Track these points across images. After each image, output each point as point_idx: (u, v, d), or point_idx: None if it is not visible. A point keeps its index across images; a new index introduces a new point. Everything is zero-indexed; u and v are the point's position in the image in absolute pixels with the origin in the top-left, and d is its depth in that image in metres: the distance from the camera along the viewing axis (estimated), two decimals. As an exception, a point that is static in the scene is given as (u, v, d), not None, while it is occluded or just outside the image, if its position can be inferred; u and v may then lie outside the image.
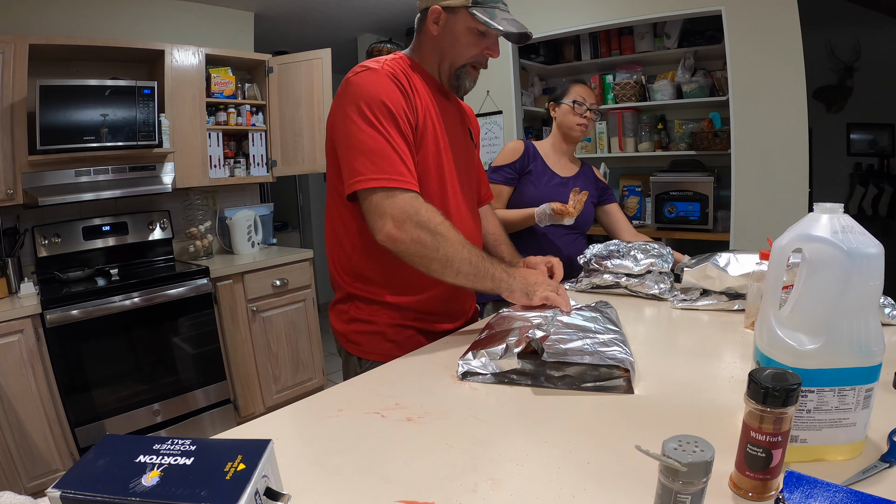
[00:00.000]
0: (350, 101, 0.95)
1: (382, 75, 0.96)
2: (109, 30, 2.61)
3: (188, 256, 2.84)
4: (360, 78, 0.96)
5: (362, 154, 0.93)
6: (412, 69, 1.06)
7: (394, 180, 0.92)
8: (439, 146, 1.06)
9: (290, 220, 4.95)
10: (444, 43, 1.04)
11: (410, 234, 0.92)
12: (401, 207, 0.92)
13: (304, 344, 2.95)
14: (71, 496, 0.38)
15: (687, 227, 2.89)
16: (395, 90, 0.96)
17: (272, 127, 3.09)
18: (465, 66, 1.06)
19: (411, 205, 0.92)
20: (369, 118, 0.93)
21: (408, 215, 0.92)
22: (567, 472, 0.57)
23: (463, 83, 1.09)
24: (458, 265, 0.95)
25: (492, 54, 1.07)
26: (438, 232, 0.93)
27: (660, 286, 1.26)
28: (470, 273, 0.96)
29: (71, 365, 2.11)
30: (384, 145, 0.93)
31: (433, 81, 1.09)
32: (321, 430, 0.70)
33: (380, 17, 3.50)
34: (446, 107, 1.12)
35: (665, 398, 0.74)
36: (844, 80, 3.65)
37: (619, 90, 3.11)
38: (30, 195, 2.20)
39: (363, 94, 0.95)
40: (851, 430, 0.56)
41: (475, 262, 0.96)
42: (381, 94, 0.94)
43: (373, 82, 0.95)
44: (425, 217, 0.93)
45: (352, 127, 0.94)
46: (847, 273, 0.53)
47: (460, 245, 0.95)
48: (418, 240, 0.92)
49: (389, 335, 1.07)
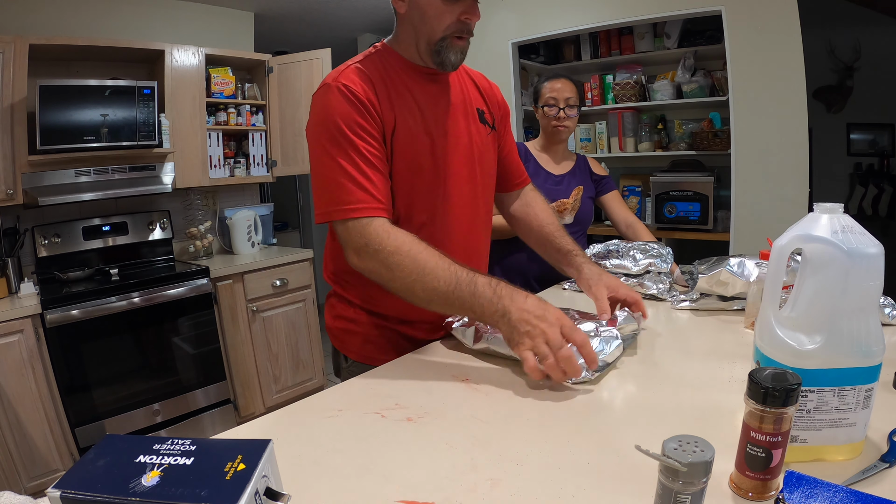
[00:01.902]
0: (310, 126, 0.95)
1: (332, 92, 0.91)
2: (109, 30, 2.61)
3: (188, 256, 2.84)
4: (315, 100, 0.95)
5: (318, 184, 0.93)
6: (386, 60, 0.98)
7: (346, 210, 0.89)
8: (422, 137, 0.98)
9: (290, 220, 4.95)
10: (414, 19, 0.94)
11: (367, 265, 0.89)
12: (353, 239, 0.89)
13: (304, 344, 2.96)
14: (71, 496, 0.38)
15: (687, 227, 2.89)
16: (345, 106, 0.90)
17: (272, 127, 3.09)
18: (446, 38, 0.94)
19: (362, 234, 0.88)
20: (324, 146, 0.91)
21: (359, 246, 0.89)
22: (567, 472, 0.57)
23: (446, 58, 0.96)
24: (422, 295, 0.86)
25: (470, 18, 0.93)
26: (389, 262, 0.86)
27: (658, 286, 1.26)
28: (441, 303, 0.85)
29: (71, 365, 2.11)
30: (335, 173, 0.90)
31: (414, 67, 1.00)
32: (321, 430, 0.70)
33: (380, 17, 3.50)
34: (434, 91, 1.02)
35: (665, 398, 0.74)
36: (844, 80, 3.65)
37: (619, 90, 3.11)
38: (30, 195, 2.20)
39: (317, 119, 0.93)
40: (851, 430, 0.56)
41: (444, 292, 0.83)
42: (333, 114, 0.90)
43: (324, 104, 0.92)
44: (373, 248, 0.87)
45: (311, 156, 0.94)
46: (847, 273, 0.53)
47: (420, 274, 0.84)
48: (373, 271, 0.89)
49: (371, 337, 1.06)
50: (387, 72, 0.97)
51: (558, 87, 1.63)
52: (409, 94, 0.98)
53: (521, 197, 1.24)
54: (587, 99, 3.27)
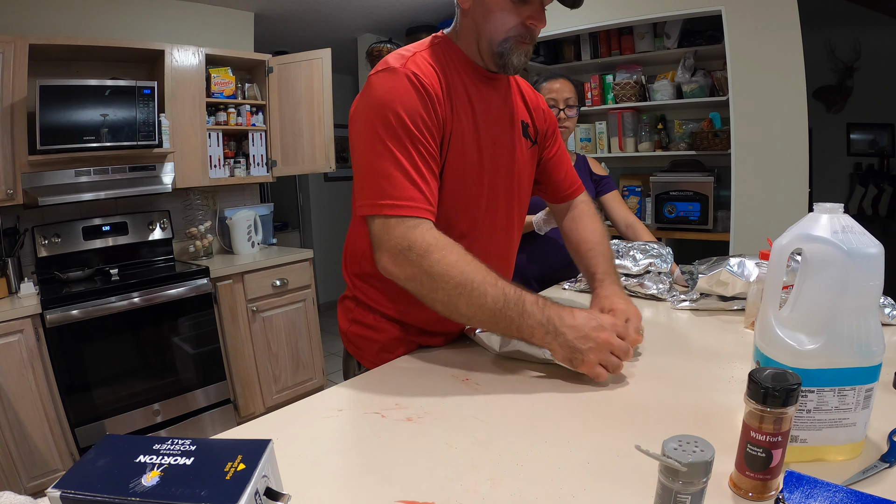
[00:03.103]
0: (364, 108, 0.86)
1: (400, 78, 0.84)
2: (109, 30, 2.61)
3: (188, 256, 2.84)
4: (377, 81, 0.86)
5: (366, 173, 0.84)
6: (448, 55, 0.93)
7: (396, 207, 0.81)
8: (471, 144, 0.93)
9: (290, 220, 4.95)
10: (477, 17, 0.89)
11: (404, 272, 0.82)
12: (394, 240, 0.81)
13: (304, 344, 2.96)
14: (71, 496, 0.38)
15: (687, 227, 2.89)
16: (413, 95, 0.84)
17: (272, 127, 3.09)
18: (509, 39, 0.88)
19: (406, 237, 0.81)
20: (378, 132, 0.83)
21: (400, 250, 0.81)
22: (567, 472, 0.57)
23: (509, 60, 0.90)
24: (465, 311, 0.81)
25: (536, 24, 0.88)
26: (433, 272, 0.80)
27: (658, 286, 1.26)
28: (486, 320, 0.81)
29: (71, 365, 2.11)
30: (391, 166, 0.82)
31: (474, 67, 0.94)
32: (321, 430, 0.70)
33: (380, 17, 3.50)
34: (489, 96, 0.96)
35: (665, 398, 0.74)
36: (844, 80, 3.65)
37: (619, 90, 3.11)
38: (30, 195, 2.20)
39: (376, 102, 0.85)
40: (851, 430, 0.56)
41: (491, 310, 0.80)
42: (396, 102, 0.83)
43: (388, 88, 0.84)
44: (417, 254, 0.80)
45: (359, 140, 0.86)
46: (847, 273, 0.53)
47: (468, 288, 0.79)
48: (411, 278, 0.82)
49: (389, 347, 1.01)
50: (449, 67, 0.91)
51: (557, 87, 1.63)
52: (465, 95, 0.92)
53: (571, 211, 1.19)
54: (587, 99, 3.27)
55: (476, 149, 0.93)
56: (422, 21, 3.61)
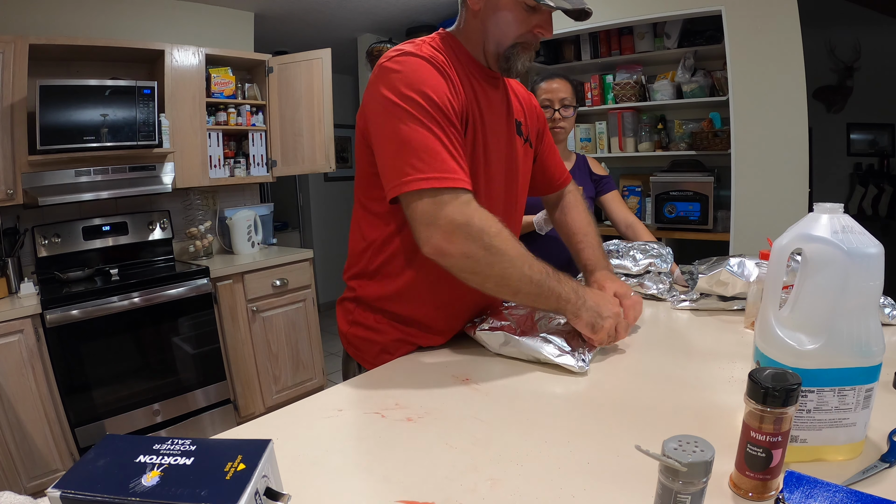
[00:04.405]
0: (388, 90, 0.82)
1: (421, 61, 0.84)
2: (109, 30, 2.62)
3: (188, 256, 2.84)
4: (398, 63, 0.83)
5: (405, 151, 0.80)
6: (453, 52, 0.93)
7: (444, 179, 0.79)
8: (479, 143, 0.93)
9: (290, 220, 4.95)
10: (486, 19, 0.90)
11: (460, 248, 0.79)
12: (450, 216, 0.79)
13: (304, 344, 2.96)
14: (71, 496, 0.38)
15: (687, 227, 2.89)
16: (439, 76, 0.83)
17: (272, 127, 3.09)
18: (516, 45, 0.90)
19: (462, 212, 0.79)
20: (410, 111, 0.80)
21: (457, 225, 0.79)
22: (567, 472, 0.57)
23: (514, 65, 0.92)
24: (518, 284, 0.82)
25: (543, 33, 0.90)
26: (493, 246, 0.80)
27: (658, 286, 1.26)
28: (532, 292, 0.84)
29: (71, 365, 2.11)
30: (431, 140, 0.80)
31: (477, 66, 0.95)
32: (321, 430, 0.70)
33: (380, 17, 3.50)
34: (492, 97, 0.97)
35: (665, 398, 0.74)
36: (844, 80, 3.65)
37: (619, 90, 3.11)
38: (30, 195, 2.20)
39: (403, 81, 0.82)
40: (851, 430, 0.56)
41: (538, 281, 0.83)
42: (424, 81, 0.82)
43: (413, 69, 0.83)
44: (478, 228, 0.79)
45: (391, 120, 0.82)
46: (847, 273, 0.53)
47: (520, 261, 0.82)
48: (469, 254, 0.80)
49: (389, 348, 1.00)
50: (456, 61, 0.92)
51: (554, 87, 1.62)
52: (471, 90, 0.92)
53: (561, 201, 1.24)
54: (587, 99, 3.27)
55: (483, 144, 0.94)
56: (422, 21, 3.61)
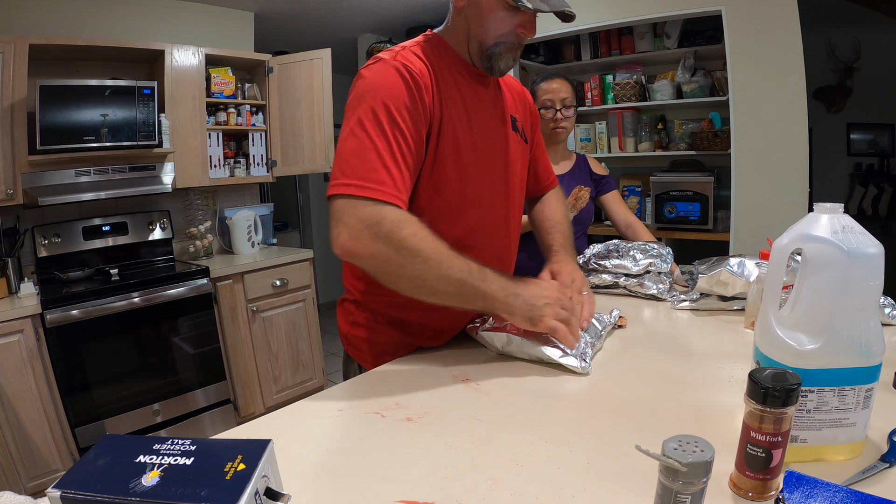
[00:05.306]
0: (352, 96, 0.86)
1: (388, 68, 0.85)
2: (109, 30, 2.61)
3: (188, 256, 2.84)
4: (368, 70, 0.87)
5: (341, 158, 0.83)
6: (439, 51, 0.94)
7: (364, 188, 0.79)
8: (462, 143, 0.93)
9: (290, 220, 4.95)
10: (469, 17, 0.90)
11: (367, 248, 0.78)
12: (360, 215, 0.78)
13: (304, 344, 2.96)
14: (71, 496, 0.38)
15: (687, 227, 2.89)
16: (400, 84, 0.84)
17: (272, 127, 3.09)
18: (499, 45, 0.91)
19: (373, 213, 0.78)
20: (360, 117, 0.83)
21: (365, 225, 0.78)
22: (567, 472, 0.57)
23: (496, 64, 0.93)
24: (435, 284, 0.80)
25: (526, 34, 0.91)
26: (405, 246, 0.78)
27: (658, 286, 1.26)
28: (452, 293, 0.82)
29: (71, 365, 2.11)
30: (367, 149, 0.81)
31: (465, 65, 0.95)
32: (321, 430, 0.70)
33: (380, 17, 3.50)
34: (482, 95, 0.97)
35: (665, 398, 0.74)
36: (844, 80, 3.65)
37: (619, 90, 3.11)
38: (30, 195, 2.20)
39: (364, 87, 0.85)
40: (851, 430, 0.56)
41: (458, 280, 0.81)
42: (380, 90, 0.83)
43: (376, 77, 0.85)
44: (387, 229, 0.78)
45: (345, 125, 0.85)
46: (847, 273, 0.53)
47: (437, 260, 0.80)
48: (377, 255, 0.78)
49: (390, 350, 1.00)
50: (440, 63, 0.92)
51: (554, 87, 1.63)
52: (457, 90, 0.93)
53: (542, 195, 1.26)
54: (587, 99, 3.27)
55: (469, 142, 0.94)
56: (422, 21, 3.61)
